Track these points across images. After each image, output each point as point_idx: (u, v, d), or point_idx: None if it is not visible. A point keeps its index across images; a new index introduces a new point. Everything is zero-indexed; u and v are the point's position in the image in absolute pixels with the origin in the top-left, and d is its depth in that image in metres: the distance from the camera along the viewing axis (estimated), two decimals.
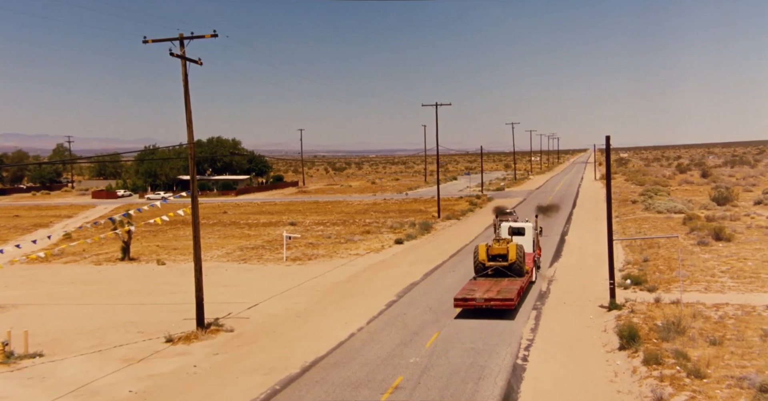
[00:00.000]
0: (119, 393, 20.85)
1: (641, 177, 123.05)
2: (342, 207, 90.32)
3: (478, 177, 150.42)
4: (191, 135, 27.38)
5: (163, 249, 53.95)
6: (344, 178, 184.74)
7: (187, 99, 27.05)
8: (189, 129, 27.35)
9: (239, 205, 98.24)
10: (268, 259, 47.33)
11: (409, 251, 49.74)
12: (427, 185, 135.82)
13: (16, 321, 30.45)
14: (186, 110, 27.23)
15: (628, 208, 71.41)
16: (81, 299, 35.88)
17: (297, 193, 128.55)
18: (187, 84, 26.86)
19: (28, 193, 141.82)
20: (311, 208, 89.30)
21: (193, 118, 27.36)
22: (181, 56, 26.28)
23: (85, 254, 52.48)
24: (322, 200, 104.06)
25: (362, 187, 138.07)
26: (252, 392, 20.28)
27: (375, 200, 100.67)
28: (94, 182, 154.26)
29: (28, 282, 41.79)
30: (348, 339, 25.98)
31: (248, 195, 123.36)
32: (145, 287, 38.72)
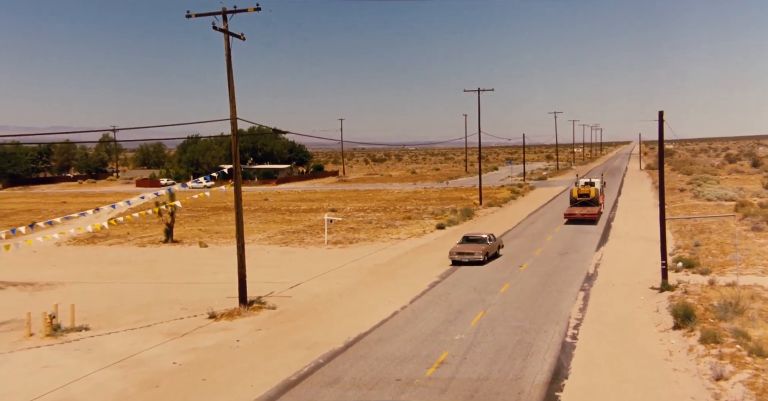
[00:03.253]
0: (164, 365, 20.81)
1: (688, 166, 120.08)
2: (382, 195, 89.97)
3: (519, 167, 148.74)
4: (234, 110, 27.20)
5: (205, 233, 54.28)
6: (384, 169, 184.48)
7: (230, 74, 26.86)
8: (232, 104, 27.18)
9: (280, 193, 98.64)
10: (309, 243, 47.21)
11: (450, 236, 49.08)
12: (468, 175, 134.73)
13: (64, 297, 30.76)
14: (229, 86, 27.04)
15: (676, 196, 69.56)
16: (126, 278, 36.18)
17: (337, 182, 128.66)
18: (230, 59, 26.67)
19: (74, 181, 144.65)
20: (351, 196, 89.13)
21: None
22: (224, 30, 26.08)
23: (129, 237, 53.09)
24: (363, 189, 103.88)
25: (402, 177, 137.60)
26: (295, 365, 20.02)
27: (415, 189, 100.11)
28: (138, 171, 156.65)
29: (75, 262, 42.37)
30: (391, 317, 25.60)
31: (289, 184, 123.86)
32: (188, 267, 38.91)
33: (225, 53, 26.47)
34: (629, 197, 75.83)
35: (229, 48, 26.46)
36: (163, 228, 50.64)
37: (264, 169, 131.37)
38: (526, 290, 29.59)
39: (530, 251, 40.59)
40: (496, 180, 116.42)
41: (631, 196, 76.54)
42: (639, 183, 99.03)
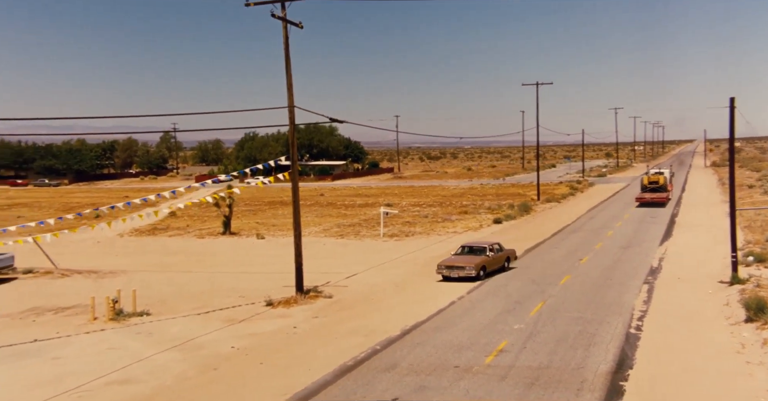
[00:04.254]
0: (222, 348, 20.95)
1: (757, 163, 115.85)
2: (438, 191, 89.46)
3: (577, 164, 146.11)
4: (291, 98, 27.25)
5: (262, 225, 54.83)
6: (439, 166, 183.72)
7: (287, 62, 26.93)
8: (289, 92, 27.24)
9: (335, 189, 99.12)
10: (365, 235, 47.17)
11: (508, 230, 48.38)
12: (525, 172, 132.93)
13: (125, 284, 31.37)
14: (287, 74, 27.11)
15: (744, 192, 67.04)
16: (185, 267, 36.76)
17: (392, 178, 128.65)
18: (287, 47, 26.75)
19: (136, 177, 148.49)
20: (407, 192, 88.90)
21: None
22: (282, 18, 26.15)
23: (189, 229, 54.04)
24: (418, 185, 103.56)
25: (458, 174, 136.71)
26: (352, 351, 19.88)
27: (471, 185, 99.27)
28: (197, 168, 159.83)
29: (137, 252, 43.30)
30: (448, 307, 25.26)
31: (344, 180, 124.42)
32: (245, 258, 39.32)
33: (283, 41, 26.56)
34: (694, 193, 73.57)
35: (287, 36, 26.53)
36: (221, 220, 51.34)
37: (320, 165, 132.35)
38: (587, 282, 28.83)
39: (590, 245, 39.62)
40: (553, 177, 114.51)
41: (696, 192, 74.25)
42: (704, 179, 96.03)
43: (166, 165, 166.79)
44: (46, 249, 36.85)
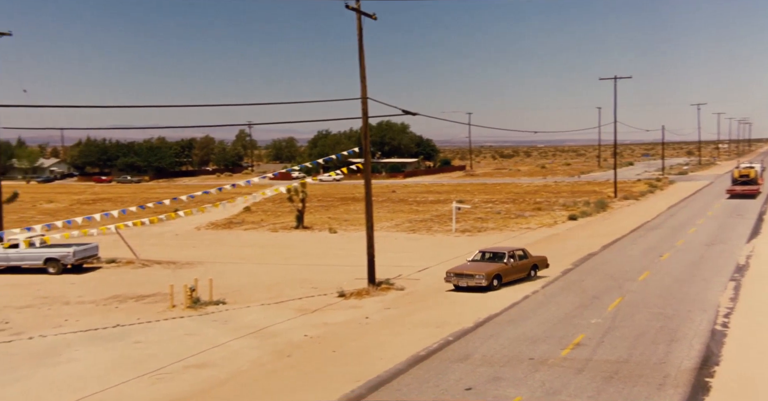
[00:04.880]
0: (295, 337, 21.14)
1: None
2: (511, 188, 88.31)
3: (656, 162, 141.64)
4: (365, 89, 27.28)
5: (334, 220, 55.29)
6: (512, 164, 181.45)
7: (361, 53, 26.99)
8: (363, 84, 27.27)
9: (407, 186, 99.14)
10: (437, 231, 46.92)
11: (583, 226, 47.27)
12: (601, 170, 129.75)
13: (202, 275, 32.12)
14: (360, 66, 27.17)
15: None
16: (259, 259, 37.37)
17: (464, 176, 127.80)
18: (361, 38, 26.80)
19: (213, 174, 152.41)
20: (479, 189, 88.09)
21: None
22: (356, 9, 26.20)
23: (263, 223, 55.00)
24: (490, 182, 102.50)
25: (531, 171, 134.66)
26: (424, 341, 19.72)
27: (545, 182, 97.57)
28: (271, 165, 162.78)
29: (213, 244, 44.28)
30: (522, 301, 24.79)
31: (415, 177, 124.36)
32: (318, 251, 39.67)
33: (357, 32, 26.62)
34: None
35: (361, 27, 26.58)
36: (294, 215, 52.03)
37: (391, 162, 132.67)
38: (668, 278, 27.80)
39: (671, 242, 38.24)
40: (631, 174, 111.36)
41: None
42: None
43: (241, 162, 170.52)
44: (128, 241, 38.16)
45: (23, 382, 17.31)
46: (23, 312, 25.52)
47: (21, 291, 29.48)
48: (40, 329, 22.74)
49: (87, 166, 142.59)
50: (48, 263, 33.51)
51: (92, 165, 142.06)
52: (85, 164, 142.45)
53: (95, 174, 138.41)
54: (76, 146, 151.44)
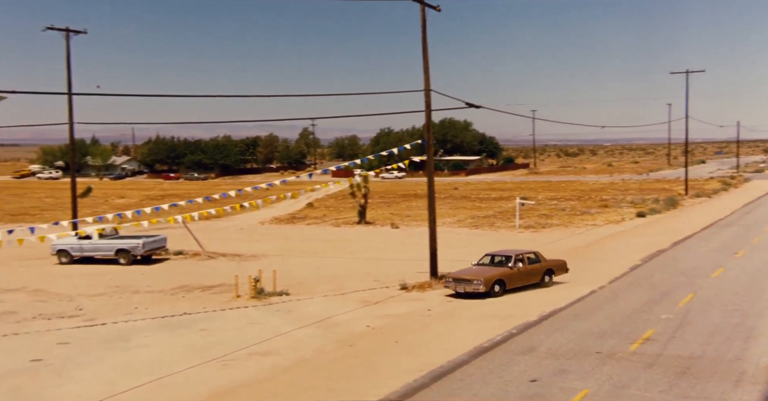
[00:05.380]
0: (358, 327, 21.17)
1: None
2: (576, 186, 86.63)
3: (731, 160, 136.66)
4: (428, 81, 27.12)
5: (396, 216, 55.29)
6: (577, 162, 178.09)
7: (424, 45, 26.83)
8: (426, 75, 27.11)
9: (469, 183, 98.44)
10: (500, 227, 46.39)
11: (652, 224, 45.95)
12: (671, 168, 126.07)
13: (266, 267, 32.55)
14: (423, 58, 27.02)
15: None
16: (321, 253, 37.65)
17: (528, 174, 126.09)
18: (425, 29, 26.64)
19: (276, 172, 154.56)
20: (543, 186, 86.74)
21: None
22: (420, 1, 26.05)
23: (325, 218, 55.45)
24: (555, 180, 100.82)
25: (597, 169, 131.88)
26: (488, 334, 19.46)
27: (612, 180, 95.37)
28: (334, 163, 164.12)
29: (277, 238, 44.87)
30: (588, 295, 24.23)
31: (478, 175, 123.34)
32: (380, 245, 39.72)
33: (420, 24, 26.48)
34: None
35: (425, 19, 26.41)
36: (356, 210, 52.29)
37: (454, 160, 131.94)
38: (744, 275, 26.72)
39: (747, 239, 36.78)
40: (703, 172, 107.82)
41: None
42: None
43: (304, 160, 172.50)
44: (194, 234, 39.01)
45: (96, 365, 17.84)
46: (96, 300, 26.35)
47: (94, 280, 30.47)
48: (112, 316, 23.42)
49: (156, 163, 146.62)
50: (119, 254, 34.55)
51: (161, 162, 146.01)
52: (154, 162, 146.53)
53: (164, 171, 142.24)
54: (145, 144, 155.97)
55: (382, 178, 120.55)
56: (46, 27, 34.23)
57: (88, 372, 17.31)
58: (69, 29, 34.72)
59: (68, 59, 34.77)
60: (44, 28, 34.19)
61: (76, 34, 35.08)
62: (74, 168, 40.11)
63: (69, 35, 34.59)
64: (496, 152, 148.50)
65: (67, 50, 34.76)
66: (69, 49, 34.69)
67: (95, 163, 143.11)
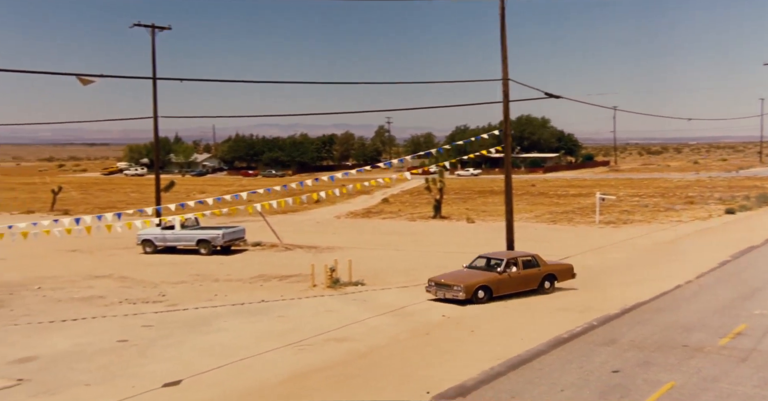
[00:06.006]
0: (433, 317, 21.02)
1: None
2: (659, 183, 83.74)
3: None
4: (506, 71, 26.67)
5: (472, 211, 54.77)
6: (661, 160, 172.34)
7: (503, 33, 26.41)
8: (504, 65, 26.67)
9: (547, 180, 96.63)
10: (579, 222, 45.28)
11: (742, 221, 43.89)
12: (762, 165, 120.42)
13: (341, 258, 32.76)
14: (501, 45, 26.60)
15: None
16: (396, 246, 37.61)
17: (608, 171, 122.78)
18: (503, 18, 26.24)
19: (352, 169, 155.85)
20: (624, 183, 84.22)
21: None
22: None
23: (400, 213, 55.44)
24: (636, 177, 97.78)
25: (682, 167, 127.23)
26: (566, 325, 18.95)
27: (698, 178, 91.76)
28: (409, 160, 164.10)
29: (352, 232, 45.12)
30: (673, 290, 23.30)
31: (556, 172, 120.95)
32: (455, 239, 39.38)
33: (499, 12, 26.08)
34: None
35: (504, 6, 25.99)
36: (431, 205, 52.07)
37: (531, 157, 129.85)
38: None
39: None
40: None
41: None
42: None
43: (379, 158, 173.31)
44: (272, 226, 39.66)
45: (178, 347, 18.31)
46: (177, 287, 27.10)
47: (176, 268, 31.37)
48: (193, 302, 24.02)
49: (235, 160, 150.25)
50: (200, 244, 35.48)
51: (240, 160, 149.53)
52: (233, 159, 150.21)
53: (242, 168, 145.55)
54: (225, 142, 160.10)
55: (458, 175, 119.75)
56: (133, 23, 35.55)
57: (170, 352, 17.78)
58: (155, 25, 35.95)
59: (153, 54, 35.99)
60: (132, 24, 35.51)
61: (161, 30, 36.27)
62: (158, 165, 41.46)
63: (155, 31, 35.80)
64: (574, 149, 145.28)
65: (152, 45, 35.99)
66: (154, 45, 35.93)
67: (178, 160, 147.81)
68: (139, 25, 35.76)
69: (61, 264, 32.71)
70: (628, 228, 41.15)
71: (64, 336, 19.51)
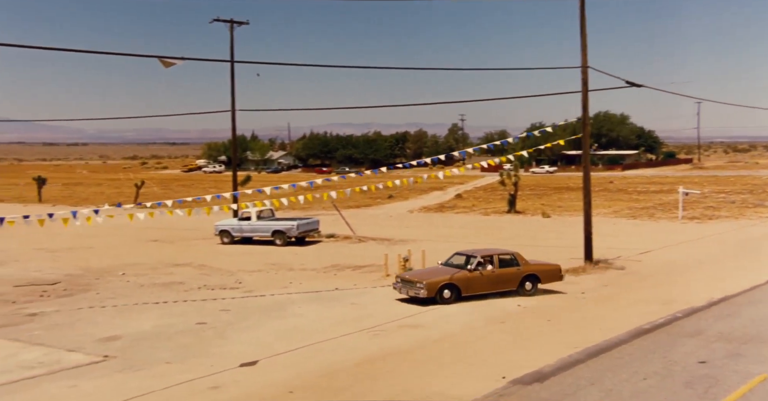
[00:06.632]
0: (508, 306, 20.68)
1: None
2: (747, 180, 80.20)
3: None
4: (585, 58, 25.99)
5: (547, 206, 53.78)
6: (749, 157, 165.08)
7: (582, 19, 25.76)
8: (583, 52, 26.00)
9: (626, 178, 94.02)
10: (660, 217, 43.81)
11: None
12: None
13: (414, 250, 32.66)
14: (581, 32, 25.96)
15: None
16: (470, 239, 37.18)
17: (691, 169, 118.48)
18: (583, 4, 25.56)
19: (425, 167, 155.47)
20: (709, 181, 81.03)
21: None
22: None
23: (474, 208, 54.96)
24: (722, 175, 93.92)
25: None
26: (649, 317, 18.29)
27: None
28: (483, 158, 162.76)
29: (425, 225, 44.96)
30: (765, 284, 22.18)
31: (635, 170, 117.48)
32: (530, 233, 38.69)
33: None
34: None
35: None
36: (506, 199, 51.37)
37: (609, 154, 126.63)
38: None
39: None
40: None
41: None
42: None
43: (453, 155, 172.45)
44: (346, 219, 39.95)
45: (254, 330, 18.60)
46: (254, 275, 27.59)
47: (252, 258, 31.96)
48: (268, 289, 24.39)
49: (310, 158, 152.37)
50: (275, 235, 36.06)
51: (314, 157, 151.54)
52: (308, 156, 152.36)
53: (316, 165, 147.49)
54: (300, 140, 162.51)
55: (532, 172, 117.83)
56: (213, 19, 36.45)
57: (247, 335, 18.08)
58: (233, 21, 36.73)
59: (232, 48, 36.84)
60: (211, 20, 36.41)
61: (240, 25, 37.03)
62: (236, 161, 42.36)
63: (233, 26, 36.59)
64: (655, 147, 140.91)
65: (231, 40, 36.82)
66: (233, 39, 36.74)
67: (254, 157, 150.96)
68: (218, 21, 36.64)
69: (143, 253, 33.83)
70: (714, 224, 39.52)
71: (146, 318, 20.13)
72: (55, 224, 23.39)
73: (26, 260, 31.92)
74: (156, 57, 15.94)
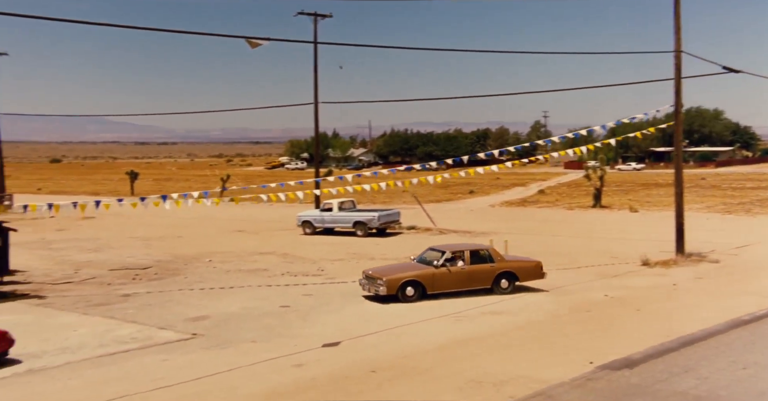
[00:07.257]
0: (594, 296, 20.11)
1: None
2: None
3: None
4: (678, 42, 24.95)
5: (635, 201, 52.07)
6: None
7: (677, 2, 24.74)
8: (677, 36, 24.95)
9: (719, 174, 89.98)
10: (758, 213, 41.73)
11: None
12: None
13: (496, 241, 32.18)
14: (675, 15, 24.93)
15: None
16: (554, 232, 36.45)
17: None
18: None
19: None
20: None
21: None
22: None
23: (557, 203, 53.82)
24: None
25: None
26: (747, 308, 17.42)
27: None
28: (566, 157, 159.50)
29: (507, 219, 44.29)
30: None
31: (729, 167, 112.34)
32: (617, 227, 37.57)
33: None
34: None
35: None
36: (591, 194, 50.05)
37: (701, 151, 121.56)
38: None
39: None
40: None
41: None
42: None
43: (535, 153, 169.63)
44: (427, 211, 39.83)
45: (335, 314, 18.76)
46: (335, 263, 27.85)
47: (334, 248, 32.28)
48: (350, 277, 24.50)
49: (390, 155, 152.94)
50: (356, 226, 36.29)
51: (395, 154, 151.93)
52: (388, 153, 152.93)
53: (397, 162, 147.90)
54: (381, 137, 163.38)
55: (619, 169, 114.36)
56: (297, 12, 37.02)
57: (328, 318, 18.25)
58: (317, 14, 37.21)
59: (315, 40, 37.29)
60: (296, 13, 37.00)
61: (323, 18, 37.47)
62: (318, 157, 42.85)
63: (317, 19, 37.06)
64: (751, 143, 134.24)
65: (314, 33, 37.32)
66: (316, 32, 37.22)
67: (335, 155, 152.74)
68: (302, 14, 37.19)
69: (229, 242, 34.71)
70: None
71: (232, 300, 20.62)
72: (148, 215, 24.30)
73: (120, 247, 33.29)
74: (243, 37, 16.36)
